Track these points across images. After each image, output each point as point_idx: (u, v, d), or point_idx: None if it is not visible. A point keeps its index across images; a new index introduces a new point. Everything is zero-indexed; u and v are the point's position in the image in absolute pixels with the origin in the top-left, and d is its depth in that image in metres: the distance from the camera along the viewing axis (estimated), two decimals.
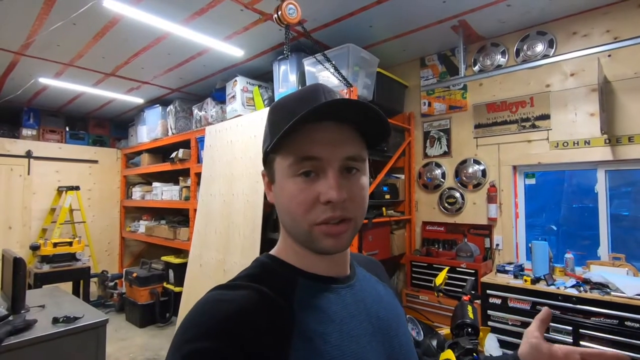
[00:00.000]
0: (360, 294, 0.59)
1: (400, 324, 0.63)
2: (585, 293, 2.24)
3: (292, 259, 0.57)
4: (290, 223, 0.54)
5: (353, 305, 0.56)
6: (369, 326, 0.56)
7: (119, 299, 4.57)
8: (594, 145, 2.56)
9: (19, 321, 1.87)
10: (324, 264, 0.57)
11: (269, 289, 0.51)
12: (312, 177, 0.51)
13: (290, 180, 0.52)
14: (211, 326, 0.44)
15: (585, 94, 2.61)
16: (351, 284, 0.59)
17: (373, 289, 0.64)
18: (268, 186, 0.59)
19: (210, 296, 0.50)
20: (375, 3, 2.47)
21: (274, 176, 0.56)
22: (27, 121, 4.93)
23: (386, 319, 0.60)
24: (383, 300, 0.63)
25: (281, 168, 0.53)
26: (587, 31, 2.61)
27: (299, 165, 0.51)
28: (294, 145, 0.51)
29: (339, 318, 0.53)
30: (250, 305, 0.48)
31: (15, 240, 4.59)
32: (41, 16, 2.59)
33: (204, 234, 3.50)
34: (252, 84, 3.50)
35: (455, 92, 3.25)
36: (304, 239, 0.53)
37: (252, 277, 0.54)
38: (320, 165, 0.51)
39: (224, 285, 0.52)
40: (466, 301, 1.36)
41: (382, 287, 0.67)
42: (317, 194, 0.50)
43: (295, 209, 0.52)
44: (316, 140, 0.51)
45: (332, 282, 0.57)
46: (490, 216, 2.96)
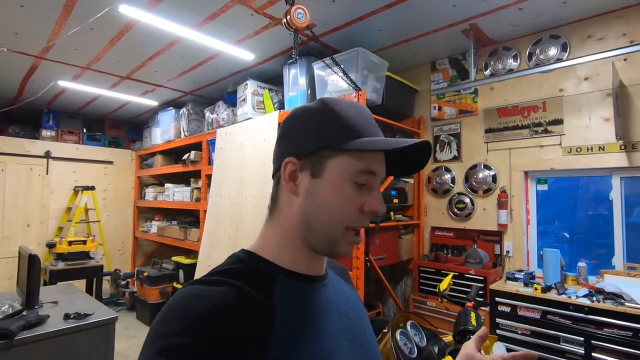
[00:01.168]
0: (333, 294, 0.61)
1: (366, 324, 0.66)
2: (598, 303, 2.17)
3: (273, 255, 0.57)
4: (327, 221, 0.55)
5: (327, 304, 0.58)
6: (340, 324, 0.58)
7: (131, 297, 4.66)
8: (608, 151, 2.50)
9: (32, 316, 1.93)
10: (311, 263, 0.58)
11: (247, 285, 0.51)
12: (362, 187, 0.56)
13: (349, 183, 0.55)
14: (187, 322, 0.44)
15: (600, 98, 2.55)
16: (325, 283, 0.61)
17: (342, 289, 0.66)
18: (292, 176, 0.57)
19: (187, 291, 0.49)
20: (384, 7, 2.48)
21: (322, 171, 0.56)
22: (46, 122, 5.10)
23: (354, 318, 0.62)
24: (350, 301, 0.65)
25: (344, 168, 0.55)
26: (602, 35, 2.55)
27: (364, 175, 0.55)
28: (362, 156, 0.55)
29: (316, 315, 0.55)
30: (228, 302, 0.47)
31: (33, 238, 4.74)
32: (60, 21, 2.68)
33: (213, 235, 3.54)
34: (263, 87, 3.55)
35: (465, 96, 3.21)
36: (332, 239, 0.55)
37: (229, 272, 0.53)
38: (374, 180, 0.57)
39: (200, 280, 0.51)
40: (470, 308, 1.35)
41: (348, 289, 0.69)
42: (364, 203, 0.55)
43: (346, 209, 0.55)
44: (378, 159, 0.57)
45: (310, 281, 0.58)
46: (501, 222, 2.91)
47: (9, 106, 4.52)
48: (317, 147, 0.56)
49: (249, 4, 2.46)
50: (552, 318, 2.29)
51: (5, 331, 1.71)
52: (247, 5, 2.47)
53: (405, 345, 1.45)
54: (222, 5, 2.47)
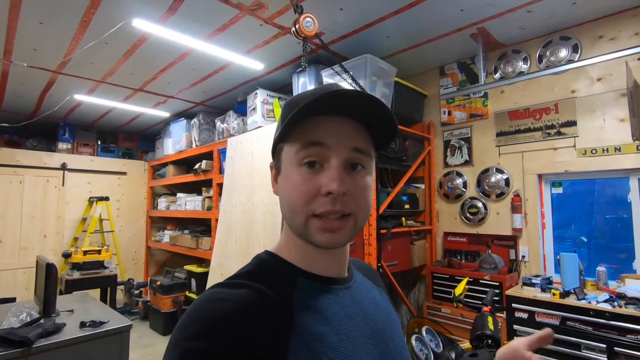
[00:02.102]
0: (358, 296, 0.60)
1: (395, 328, 0.63)
2: (620, 308, 2.10)
3: (292, 257, 0.57)
4: (289, 214, 0.54)
5: (350, 307, 0.57)
6: (365, 328, 0.56)
7: (144, 306, 4.69)
8: (625, 152, 2.44)
9: (49, 324, 1.96)
10: (324, 263, 0.57)
11: (267, 287, 0.51)
12: (316, 169, 0.51)
13: (295, 169, 0.52)
14: (209, 325, 0.44)
15: (614, 99, 2.51)
16: (349, 285, 0.59)
17: (369, 292, 0.64)
18: (274, 178, 0.59)
19: (210, 294, 0.49)
20: (392, 14, 2.50)
21: (280, 166, 0.56)
22: (62, 135, 5.24)
23: (381, 322, 0.60)
24: (379, 304, 0.63)
25: (288, 156, 0.53)
26: (614, 34, 2.52)
27: (305, 152, 0.51)
28: (302, 132, 0.51)
29: (337, 319, 0.53)
30: (248, 305, 0.47)
31: (49, 248, 4.83)
32: (77, 37, 2.77)
33: (225, 243, 3.56)
34: (272, 96, 3.59)
35: (475, 100, 3.20)
36: (301, 230, 0.53)
37: (251, 275, 0.54)
38: (326, 154, 0.51)
39: (223, 283, 0.52)
40: (486, 312, 1.32)
41: (378, 292, 0.67)
42: (319, 186, 0.50)
43: (296, 199, 0.51)
44: (325, 128, 0.51)
45: (331, 283, 0.57)
46: (515, 227, 2.86)
47: (27, 120, 4.66)
48: (274, 144, 0.57)
49: (258, 15, 2.51)
50: (572, 324, 2.22)
51: (23, 339, 1.74)
52: (257, 16, 2.52)
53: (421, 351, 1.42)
54: (232, 16, 2.52)
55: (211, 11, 2.45)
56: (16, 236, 4.63)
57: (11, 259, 4.57)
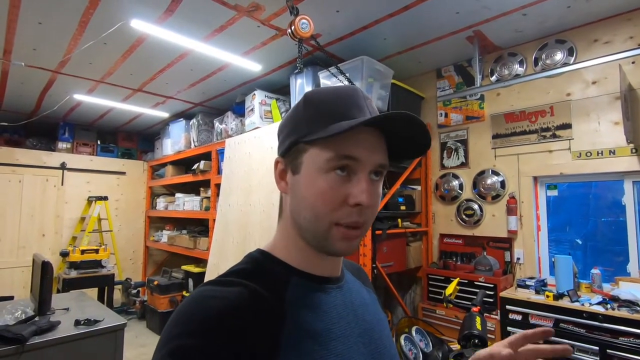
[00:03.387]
0: (349, 296, 0.60)
1: (383, 328, 0.64)
2: (613, 311, 2.11)
3: (285, 256, 0.56)
4: (310, 218, 0.52)
5: (342, 307, 0.57)
6: (355, 327, 0.57)
7: (141, 306, 4.70)
8: (619, 155, 2.45)
9: (44, 322, 1.97)
10: (322, 264, 0.57)
11: (260, 286, 0.51)
12: (344, 176, 0.51)
13: (322, 175, 0.51)
14: (199, 323, 0.44)
15: (608, 102, 2.52)
16: (340, 285, 0.60)
17: (359, 292, 0.64)
18: (281, 174, 0.57)
19: (200, 292, 0.49)
20: (387, 16, 2.51)
21: (299, 167, 0.54)
22: (62, 135, 5.26)
23: (371, 322, 0.61)
24: (368, 304, 0.64)
25: (315, 161, 0.52)
26: (609, 38, 2.53)
27: (337, 162, 0.50)
28: (335, 141, 0.50)
29: (329, 318, 0.54)
30: (240, 303, 0.47)
31: (47, 247, 4.84)
32: (76, 37, 2.80)
33: (222, 243, 3.57)
34: (270, 97, 3.60)
35: (472, 102, 3.21)
36: (320, 237, 0.52)
37: (242, 273, 0.53)
38: (356, 166, 0.51)
39: (214, 281, 0.52)
40: (475, 312, 1.33)
41: (367, 292, 0.68)
42: (347, 194, 0.50)
43: (321, 205, 0.51)
44: (359, 142, 0.51)
45: (324, 282, 0.57)
46: (510, 229, 2.86)
47: (27, 119, 4.68)
48: (292, 142, 0.55)
49: (255, 16, 2.53)
50: (565, 326, 2.23)
51: (17, 336, 1.76)
52: (254, 17, 2.54)
53: (410, 351, 1.42)
54: (229, 18, 2.54)
55: (209, 12, 2.47)
56: (15, 235, 4.64)
57: (9, 258, 4.58)
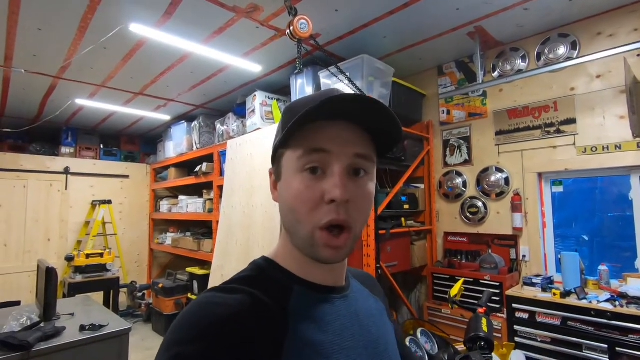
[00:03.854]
0: (354, 306, 0.59)
1: (389, 341, 0.62)
2: (622, 308, 2.08)
3: (289, 264, 0.56)
4: (293, 223, 0.52)
5: (346, 317, 0.56)
6: (360, 339, 0.55)
7: (147, 309, 4.71)
8: (625, 150, 2.41)
9: (49, 328, 1.98)
10: (322, 272, 0.56)
11: (262, 294, 0.50)
12: (318, 175, 0.50)
13: (297, 175, 0.51)
14: (202, 329, 0.44)
15: (613, 96, 2.48)
16: (346, 294, 0.58)
17: (365, 302, 0.63)
18: (274, 185, 0.58)
19: (203, 298, 0.49)
20: (387, 14, 2.49)
21: (281, 173, 0.54)
22: (65, 140, 5.29)
23: (376, 333, 0.59)
24: (374, 315, 0.63)
25: (289, 163, 0.52)
26: (613, 31, 2.49)
27: (307, 158, 0.50)
28: (304, 138, 0.50)
29: (332, 329, 0.53)
30: (243, 311, 0.47)
31: (53, 252, 4.87)
32: (75, 42, 2.80)
33: (226, 245, 3.57)
34: (271, 98, 3.59)
35: (474, 99, 3.18)
36: (305, 242, 0.51)
37: (246, 280, 0.53)
38: (328, 160, 0.50)
39: (218, 288, 0.51)
40: (481, 314, 1.30)
41: (374, 302, 0.66)
42: (322, 192, 0.49)
43: (299, 207, 0.50)
44: (327, 134, 0.50)
45: (328, 292, 0.56)
46: (516, 226, 2.83)
47: (30, 125, 4.71)
48: (274, 151, 0.56)
49: (254, 17, 2.52)
50: (573, 324, 2.20)
51: (22, 343, 1.76)
52: (252, 18, 2.53)
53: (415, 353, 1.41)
54: (228, 19, 2.53)
55: (207, 15, 2.46)
56: (20, 240, 4.68)
57: (16, 263, 4.61)
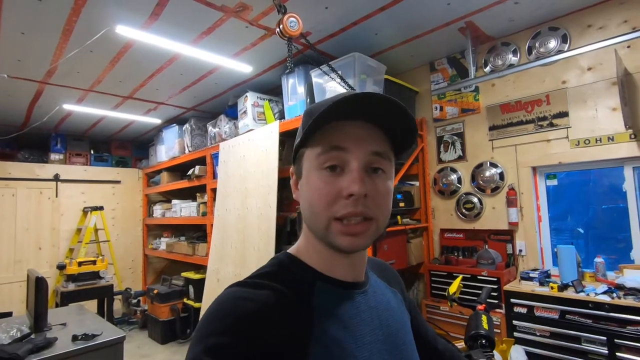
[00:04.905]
0: (373, 301, 0.60)
1: (407, 332, 0.64)
2: (619, 299, 2.08)
3: (311, 260, 0.57)
4: (311, 217, 0.54)
5: (366, 312, 0.57)
6: (379, 333, 0.57)
7: (142, 315, 4.65)
8: (618, 142, 2.42)
9: (40, 339, 1.93)
10: (343, 267, 0.57)
11: (287, 289, 0.52)
12: (337, 172, 0.52)
13: (316, 172, 0.53)
14: (232, 322, 0.45)
15: (605, 88, 2.49)
16: (365, 290, 0.59)
17: (383, 296, 0.64)
18: (295, 184, 0.59)
19: (230, 293, 0.50)
20: (377, 11, 2.47)
21: (301, 170, 0.56)
22: (54, 146, 5.19)
23: (394, 327, 0.60)
24: (392, 308, 0.63)
25: (309, 161, 0.54)
26: (603, 23, 2.50)
27: (325, 156, 0.52)
28: (323, 137, 0.52)
29: (353, 324, 0.54)
30: (269, 305, 0.48)
31: (44, 260, 4.78)
32: (60, 46, 2.74)
33: (221, 248, 3.52)
34: (263, 98, 3.56)
35: (466, 94, 3.17)
36: (322, 234, 0.53)
37: (271, 275, 0.54)
38: (346, 157, 0.51)
39: (243, 282, 0.53)
40: (481, 311, 1.28)
41: (391, 294, 0.67)
42: (340, 188, 0.51)
43: (317, 201, 0.52)
44: (344, 133, 0.52)
45: (349, 287, 0.57)
46: (511, 221, 2.83)
47: (17, 132, 4.62)
48: (294, 150, 0.58)
49: (243, 17, 2.48)
50: (572, 317, 2.20)
51: (12, 356, 1.71)
52: (241, 17, 2.49)
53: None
54: (217, 19, 2.49)
55: (195, 15, 2.42)
56: (11, 249, 4.58)
57: (6, 273, 4.52)
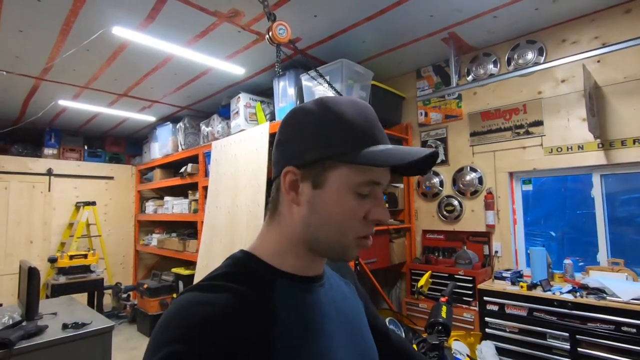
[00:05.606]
0: (330, 293, 0.62)
1: (362, 318, 0.68)
2: (582, 298, 2.22)
3: (271, 258, 0.57)
4: (335, 235, 0.54)
5: (326, 304, 0.59)
6: (339, 323, 0.59)
7: (132, 310, 4.72)
8: (587, 150, 2.57)
9: (31, 326, 2.01)
10: (312, 266, 0.59)
11: (246, 288, 0.51)
12: (366, 196, 0.55)
13: (351, 195, 0.53)
14: (188, 329, 0.44)
15: (576, 99, 2.63)
16: (323, 282, 0.61)
17: (338, 287, 0.67)
18: (293, 185, 0.56)
19: (186, 298, 0.48)
20: (364, 20, 2.59)
21: (323, 182, 0.54)
22: (48, 141, 5.24)
23: (351, 316, 0.64)
24: (347, 297, 0.67)
25: (346, 181, 0.53)
26: (576, 38, 2.65)
27: (367, 187, 0.54)
28: (367, 168, 0.53)
29: (315, 317, 0.55)
30: (228, 307, 0.47)
31: (36, 254, 4.83)
32: (58, 44, 2.82)
33: (210, 245, 3.62)
34: (255, 100, 3.66)
35: (450, 101, 3.31)
36: (340, 250, 0.55)
37: (228, 276, 0.53)
38: (378, 189, 0.56)
39: (198, 286, 0.51)
40: (443, 302, 1.41)
41: (345, 285, 0.70)
42: (367, 211, 0.54)
43: (349, 222, 0.54)
44: (385, 170, 0.56)
45: (308, 282, 0.58)
46: (488, 223, 2.96)
47: (12, 126, 4.66)
48: (318, 157, 0.54)
49: (235, 22, 2.59)
50: (539, 315, 2.33)
51: (4, 341, 1.79)
52: (234, 22, 2.60)
53: None
54: (210, 23, 2.60)
55: (189, 19, 2.52)
56: (2, 243, 4.63)
57: None
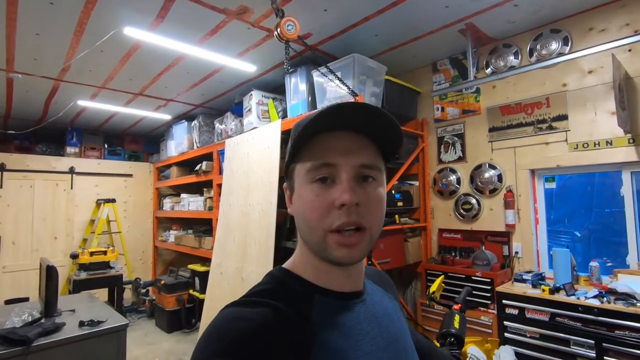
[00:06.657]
0: (372, 309, 0.60)
1: (407, 338, 0.64)
2: (609, 304, 2.08)
3: (307, 273, 0.57)
4: (306, 230, 0.54)
5: (366, 321, 0.57)
6: (381, 341, 0.57)
7: (150, 305, 4.82)
8: (616, 146, 2.41)
9: (49, 324, 2.06)
10: (340, 278, 0.57)
11: (284, 305, 0.51)
12: (327, 184, 0.52)
13: (307, 186, 0.53)
14: (229, 344, 0.45)
15: (605, 91, 2.47)
16: (363, 298, 0.59)
17: (381, 302, 0.64)
18: (289, 199, 0.59)
19: (226, 314, 0.50)
20: (376, 13, 2.50)
21: (293, 186, 0.57)
22: (70, 140, 5.40)
23: (395, 334, 0.61)
24: (391, 314, 0.63)
25: (300, 176, 0.55)
26: (604, 26, 2.47)
27: (315, 172, 0.52)
28: (311, 153, 0.53)
29: (354, 335, 0.54)
30: (266, 323, 0.48)
31: (59, 250, 5.01)
32: (73, 45, 2.87)
33: (224, 243, 3.64)
34: (267, 97, 3.63)
35: (468, 95, 3.18)
36: (319, 247, 0.53)
37: (267, 292, 0.54)
38: (336, 171, 0.52)
39: (239, 302, 0.52)
40: (456, 310, 1.33)
41: (389, 300, 0.67)
42: (332, 200, 0.51)
43: (310, 214, 0.52)
44: (331, 147, 0.52)
45: (347, 298, 0.57)
46: (508, 222, 2.84)
47: (35, 126, 4.82)
48: (286, 167, 0.59)
49: (244, 19, 2.56)
50: (561, 320, 2.22)
51: (23, 338, 1.84)
52: (243, 20, 2.56)
53: None
54: (219, 21, 2.57)
55: (198, 17, 2.50)
56: (28, 238, 4.81)
57: (24, 261, 4.75)
